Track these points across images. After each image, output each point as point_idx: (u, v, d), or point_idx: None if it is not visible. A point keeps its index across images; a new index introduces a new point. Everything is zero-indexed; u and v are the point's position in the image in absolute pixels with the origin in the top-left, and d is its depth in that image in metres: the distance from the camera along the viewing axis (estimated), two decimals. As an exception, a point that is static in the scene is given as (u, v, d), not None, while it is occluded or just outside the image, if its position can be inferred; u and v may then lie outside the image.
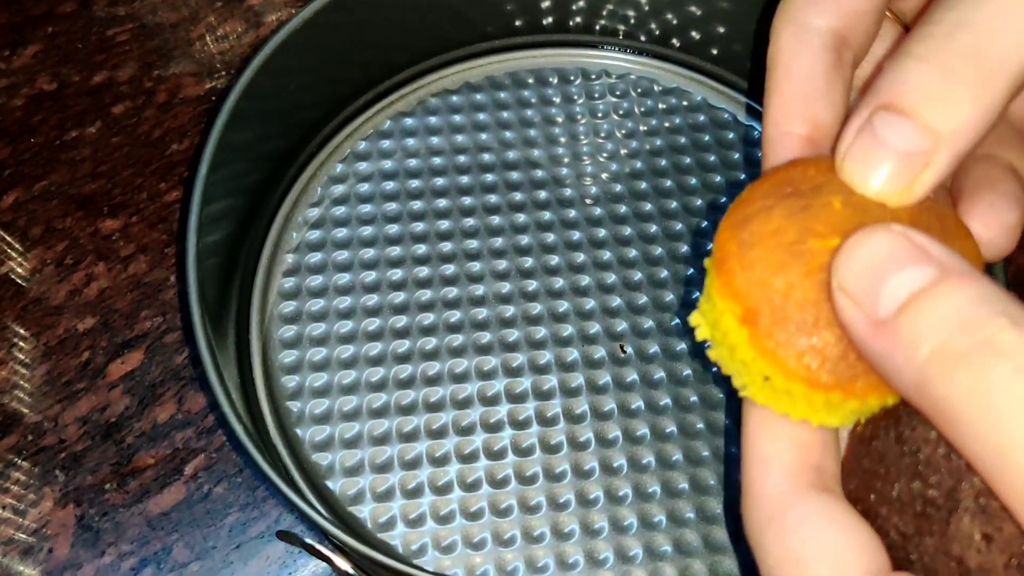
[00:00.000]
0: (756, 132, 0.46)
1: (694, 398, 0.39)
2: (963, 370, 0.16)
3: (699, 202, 0.44)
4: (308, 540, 0.33)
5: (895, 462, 0.20)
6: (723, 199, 0.44)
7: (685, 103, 0.47)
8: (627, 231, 0.43)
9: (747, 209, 0.22)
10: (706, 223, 0.43)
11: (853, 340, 0.19)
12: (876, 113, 0.21)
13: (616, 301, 0.41)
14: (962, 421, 0.17)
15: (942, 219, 0.21)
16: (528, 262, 0.42)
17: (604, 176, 0.44)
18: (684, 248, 0.42)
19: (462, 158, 0.45)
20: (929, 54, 0.20)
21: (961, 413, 0.17)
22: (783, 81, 0.25)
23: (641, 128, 0.46)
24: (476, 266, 0.42)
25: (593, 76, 0.47)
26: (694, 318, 0.23)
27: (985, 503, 0.18)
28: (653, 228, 0.43)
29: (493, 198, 0.44)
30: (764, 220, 0.21)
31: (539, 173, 0.44)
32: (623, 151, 0.45)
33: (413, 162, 0.45)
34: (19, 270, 0.44)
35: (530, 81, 0.47)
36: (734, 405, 0.39)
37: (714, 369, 0.40)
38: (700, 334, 0.23)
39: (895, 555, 0.20)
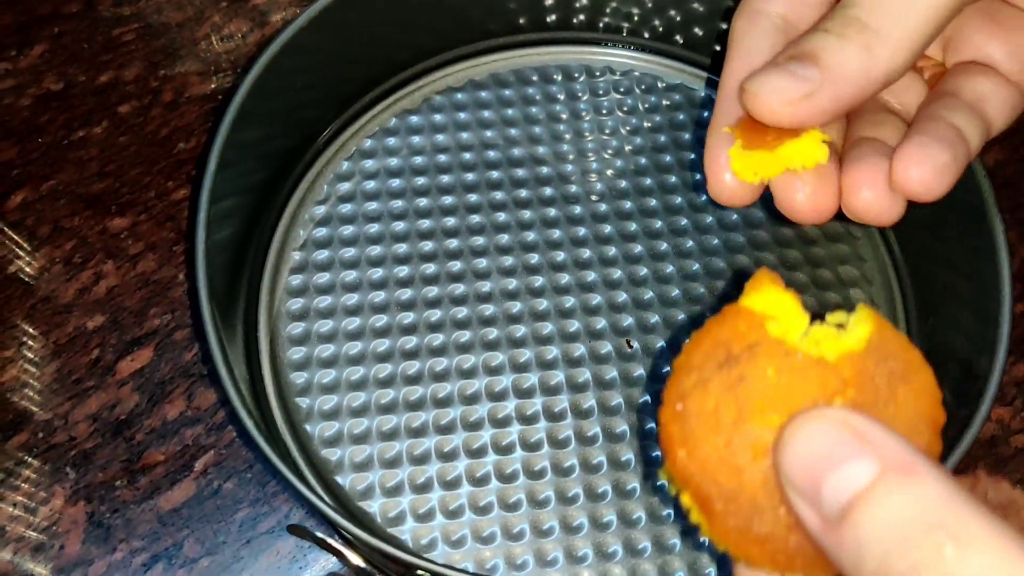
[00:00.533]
0: (760, 128, 0.46)
1: (700, 392, 0.39)
2: None
3: (703, 198, 0.44)
4: (319, 534, 0.33)
5: None
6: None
7: (689, 99, 0.47)
8: (632, 227, 0.43)
9: (684, 383, 0.21)
10: (711, 218, 0.43)
11: (807, 533, 0.19)
12: (783, 60, 0.26)
13: (622, 296, 0.41)
14: None
15: (889, 358, 0.21)
16: (534, 258, 0.42)
17: (609, 172, 0.45)
18: (689, 243, 0.43)
19: (467, 155, 0.45)
20: (833, 28, 0.26)
21: None
22: (736, 52, 0.29)
23: (645, 124, 0.46)
24: (482, 262, 0.42)
25: (597, 73, 0.48)
26: (662, 474, 0.22)
27: None
28: (658, 224, 0.43)
29: (498, 195, 0.44)
30: (701, 397, 0.21)
31: (544, 170, 0.45)
32: (627, 147, 0.45)
33: (419, 159, 0.45)
34: (28, 269, 0.44)
35: (534, 78, 0.47)
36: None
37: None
38: (671, 491, 0.22)
39: None
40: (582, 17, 0.48)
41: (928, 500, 0.17)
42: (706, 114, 0.46)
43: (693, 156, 0.45)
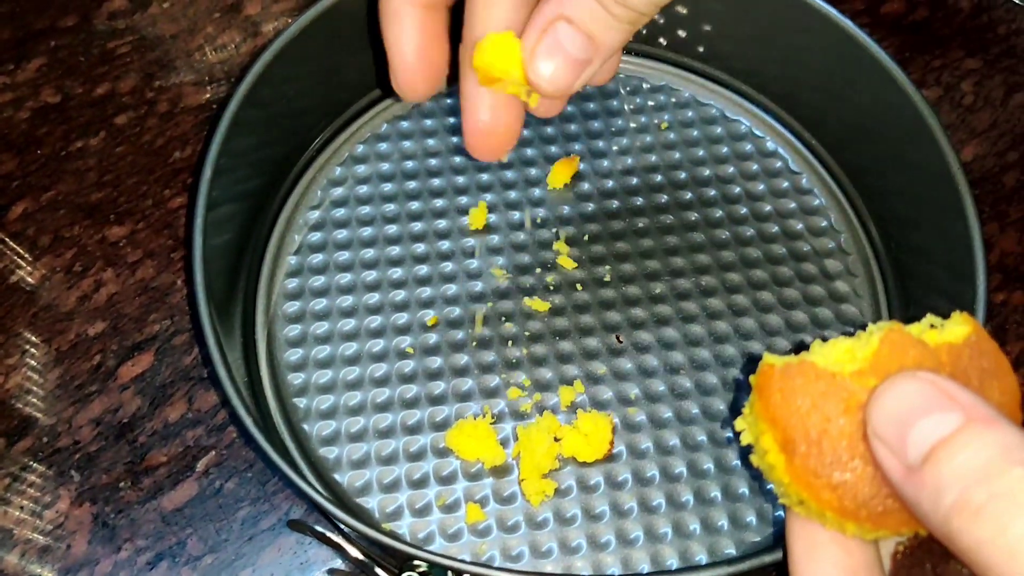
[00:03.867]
0: (743, 126, 0.47)
1: (689, 385, 0.40)
2: (984, 523, 0.18)
3: (689, 195, 0.45)
4: (319, 528, 0.34)
5: None
6: (711, 191, 0.45)
7: (673, 100, 0.48)
8: (619, 225, 0.44)
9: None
10: (696, 215, 0.44)
11: (889, 482, 0.20)
12: (559, 21, 0.27)
13: (610, 293, 0.42)
14: (990, 570, 0.18)
15: (983, 357, 0.23)
16: (525, 258, 0.43)
17: (596, 173, 0.46)
18: (674, 240, 0.44)
19: (458, 159, 0.46)
20: None
21: (987, 562, 0.18)
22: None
23: (631, 125, 0.47)
24: (473, 263, 0.43)
25: (583, 76, 0.49)
26: (739, 423, 0.24)
27: None
28: (644, 222, 0.44)
29: (489, 196, 0.45)
30: (808, 350, 0.23)
31: (533, 171, 0.46)
32: (614, 148, 0.46)
33: (410, 164, 0.46)
34: (29, 279, 0.45)
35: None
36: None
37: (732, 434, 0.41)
38: (744, 439, 0.24)
39: None
40: (568, 22, 0.49)
41: (1009, 442, 0.18)
42: (690, 114, 0.47)
43: (678, 155, 0.46)
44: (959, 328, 0.23)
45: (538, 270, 0.43)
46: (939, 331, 0.23)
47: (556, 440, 0.38)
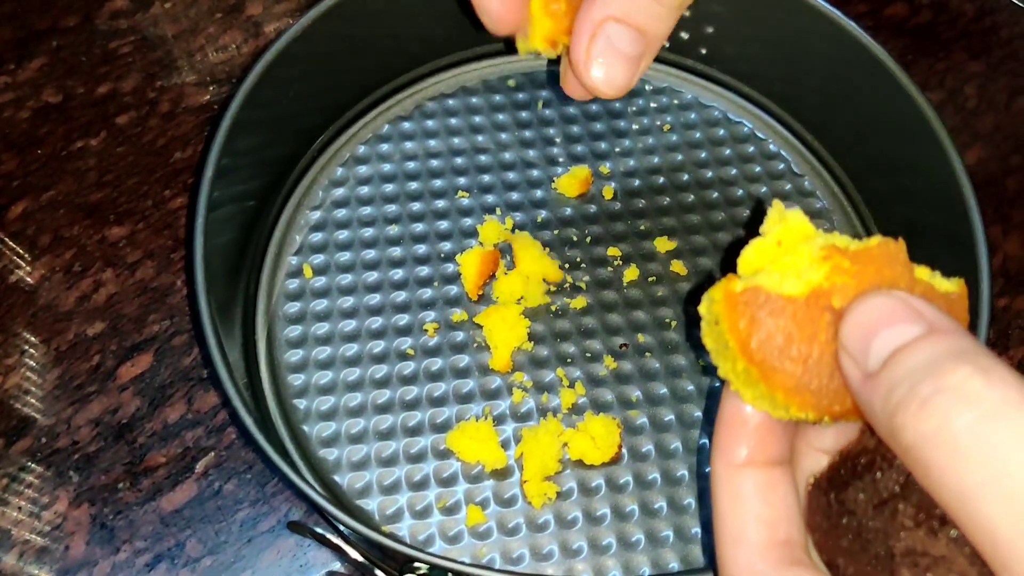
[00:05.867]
0: (746, 128, 0.47)
1: (691, 388, 0.40)
2: (928, 416, 0.17)
3: (691, 198, 0.45)
4: (318, 530, 0.34)
5: (838, 521, 0.21)
6: (714, 194, 0.45)
7: (676, 102, 0.48)
8: (621, 227, 0.44)
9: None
10: (698, 218, 0.44)
11: (852, 393, 0.20)
12: (607, 22, 0.28)
13: (612, 296, 0.42)
14: (930, 467, 0.17)
15: (942, 297, 0.22)
16: (526, 259, 0.43)
17: (599, 176, 0.46)
18: (676, 242, 0.44)
19: (459, 160, 0.46)
20: None
21: (928, 459, 0.17)
22: None
23: (633, 127, 0.47)
24: (475, 264, 0.43)
25: (586, 78, 0.48)
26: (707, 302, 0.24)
27: (915, 560, 0.19)
28: (646, 224, 0.44)
29: (490, 198, 0.45)
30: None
31: (535, 173, 0.46)
32: (617, 150, 0.46)
33: (411, 165, 0.46)
34: (28, 279, 0.45)
35: (524, 84, 0.48)
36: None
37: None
38: (708, 325, 0.24)
39: None
40: (570, 23, 0.49)
41: (965, 347, 0.18)
42: (693, 115, 0.47)
43: (680, 158, 0.46)
44: (949, 284, 0.22)
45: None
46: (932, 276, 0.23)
47: (564, 444, 0.38)
